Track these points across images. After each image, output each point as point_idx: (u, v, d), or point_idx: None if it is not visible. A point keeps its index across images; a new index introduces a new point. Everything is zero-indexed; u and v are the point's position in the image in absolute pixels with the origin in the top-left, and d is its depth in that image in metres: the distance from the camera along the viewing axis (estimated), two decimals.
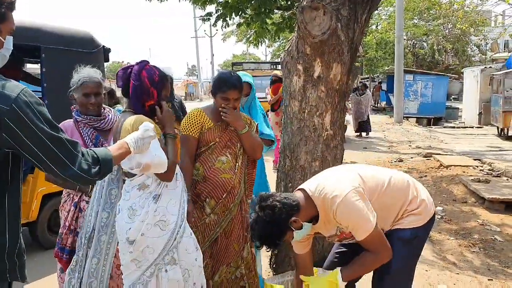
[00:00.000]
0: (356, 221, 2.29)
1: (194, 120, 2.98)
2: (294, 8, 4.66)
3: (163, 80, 2.48)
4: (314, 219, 2.41)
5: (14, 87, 1.51)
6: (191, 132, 2.95)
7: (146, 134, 2.08)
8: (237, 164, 3.00)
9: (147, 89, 2.42)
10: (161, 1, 10.15)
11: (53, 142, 1.55)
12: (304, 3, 3.30)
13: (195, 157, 2.99)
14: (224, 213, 2.97)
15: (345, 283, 2.41)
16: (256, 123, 3.22)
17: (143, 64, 2.49)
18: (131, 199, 2.39)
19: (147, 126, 2.12)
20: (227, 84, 2.93)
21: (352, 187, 2.32)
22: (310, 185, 2.43)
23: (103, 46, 5.09)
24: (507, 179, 7.67)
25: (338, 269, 2.43)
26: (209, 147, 2.96)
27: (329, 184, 2.36)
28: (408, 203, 2.45)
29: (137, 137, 2.03)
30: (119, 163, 1.99)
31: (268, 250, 2.67)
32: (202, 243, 2.90)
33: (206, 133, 2.96)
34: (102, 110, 3.06)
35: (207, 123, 2.98)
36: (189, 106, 5.09)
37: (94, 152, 1.70)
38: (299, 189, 2.48)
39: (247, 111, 3.86)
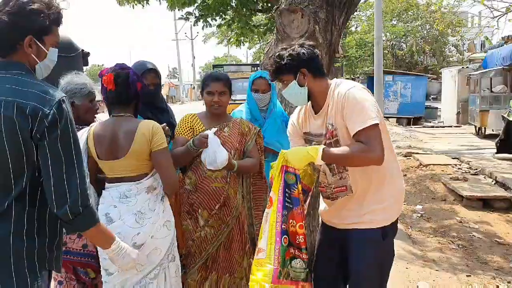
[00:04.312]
0: (363, 108, 2.16)
1: (185, 123, 2.91)
2: (273, 11, 4.70)
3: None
4: (312, 98, 2.37)
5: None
6: (181, 134, 2.88)
7: (132, 254, 1.97)
8: (230, 172, 2.83)
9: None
10: (143, 6, 10.12)
11: None
12: (282, 6, 3.35)
13: (189, 165, 2.89)
14: (221, 227, 2.83)
15: (321, 162, 2.25)
16: (258, 129, 3.01)
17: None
18: (139, 203, 2.37)
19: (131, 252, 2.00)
20: (210, 77, 2.92)
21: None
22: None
23: (82, 50, 5.04)
24: (485, 177, 7.83)
25: (322, 146, 2.25)
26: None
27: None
28: (386, 179, 2.32)
29: (125, 248, 1.92)
30: (94, 240, 1.92)
31: (271, 79, 2.59)
32: (198, 257, 2.83)
33: None
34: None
35: (198, 127, 2.89)
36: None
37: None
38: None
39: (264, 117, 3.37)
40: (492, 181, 7.45)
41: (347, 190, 2.35)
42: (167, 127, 2.70)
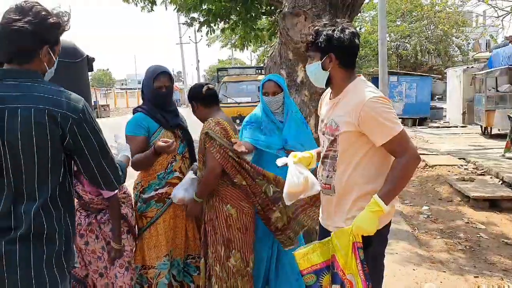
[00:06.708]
0: (388, 118, 2.10)
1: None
2: (276, 15, 4.71)
3: None
4: (330, 84, 2.31)
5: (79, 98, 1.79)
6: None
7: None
8: None
9: None
10: (149, 11, 10.25)
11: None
12: (286, 9, 3.35)
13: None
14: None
15: (389, 207, 2.11)
16: (204, 131, 2.97)
17: None
18: None
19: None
20: None
21: None
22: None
23: (87, 55, 5.05)
24: (491, 177, 7.79)
25: (375, 196, 2.11)
26: None
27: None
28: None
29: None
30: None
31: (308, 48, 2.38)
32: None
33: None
34: None
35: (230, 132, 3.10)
36: None
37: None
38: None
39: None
40: (499, 181, 7.42)
41: (330, 189, 2.32)
42: (173, 143, 2.93)
